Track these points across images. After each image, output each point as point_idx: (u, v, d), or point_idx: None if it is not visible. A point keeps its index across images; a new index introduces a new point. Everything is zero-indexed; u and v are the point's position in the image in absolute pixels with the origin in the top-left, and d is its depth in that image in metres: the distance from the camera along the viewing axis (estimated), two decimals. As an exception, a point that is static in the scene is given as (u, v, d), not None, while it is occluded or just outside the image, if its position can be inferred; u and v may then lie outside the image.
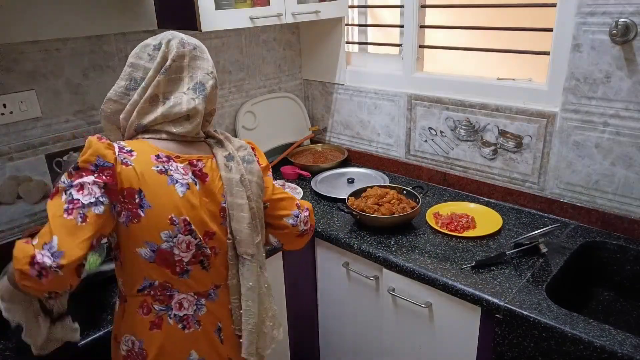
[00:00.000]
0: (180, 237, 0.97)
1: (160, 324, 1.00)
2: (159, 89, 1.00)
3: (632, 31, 1.35)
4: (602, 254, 1.51)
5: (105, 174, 0.90)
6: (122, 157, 0.93)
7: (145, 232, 0.95)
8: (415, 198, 1.69)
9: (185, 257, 0.99)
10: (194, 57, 1.02)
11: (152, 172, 0.95)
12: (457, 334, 1.39)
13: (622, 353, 1.05)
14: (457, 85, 1.83)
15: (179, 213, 0.96)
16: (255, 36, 2.07)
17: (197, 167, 1.01)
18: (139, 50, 1.03)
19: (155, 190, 0.95)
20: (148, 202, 0.94)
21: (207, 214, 1.01)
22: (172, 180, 0.97)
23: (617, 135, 1.47)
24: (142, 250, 0.96)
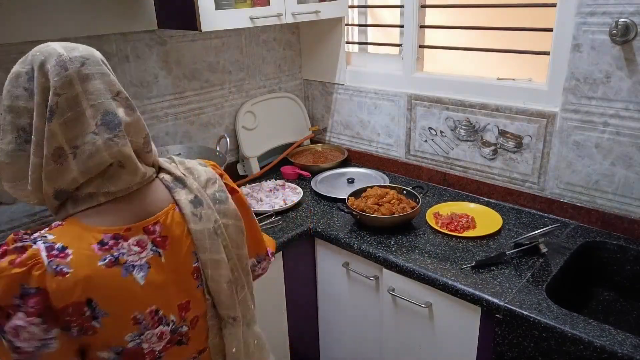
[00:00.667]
0: (149, 333, 0.79)
1: None
2: (57, 140, 0.73)
3: (632, 31, 1.35)
4: (602, 254, 1.51)
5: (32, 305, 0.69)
6: (53, 264, 0.70)
7: (105, 340, 0.76)
8: (415, 198, 1.69)
9: (158, 346, 0.81)
10: (86, 77, 0.75)
11: (100, 269, 0.73)
12: (457, 334, 1.39)
13: (622, 353, 1.05)
14: (457, 85, 1.83)
15: (143, 307, 0.78)
16: (255, 36, 2.08)
17: (155, 234, 0.80)
18: (11, 87, 0.75)
19: (109, 292, 0.74)
20: (103, 311, 0.73)
21: (182, 285, 0.83)
22: (126, 269, 0.76)
23: (617, 135, 1.47)
24: (105, 354, 0.77)
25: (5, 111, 0.76)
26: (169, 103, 1.84)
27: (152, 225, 0.80)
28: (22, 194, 0.80)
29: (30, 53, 0.77)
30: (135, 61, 1.71)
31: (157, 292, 0.79)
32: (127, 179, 0.79)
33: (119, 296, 0.75)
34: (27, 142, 0.76)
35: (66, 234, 0.74)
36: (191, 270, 0.85)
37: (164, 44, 1.78)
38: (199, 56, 1.90)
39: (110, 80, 0.79)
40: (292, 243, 1.64)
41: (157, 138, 1.83)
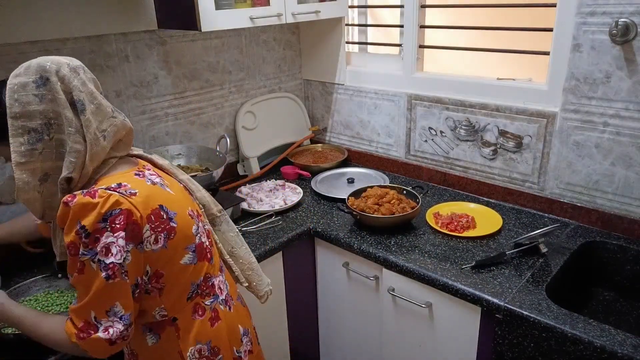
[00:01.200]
0: (200, 226, 1.03)
1: (217, 316, 1.04)
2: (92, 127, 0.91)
3: (632, 31, 1.35)
4: (602, 254, 1.51)
5: (117, 222, 0.85)
6: (122, 191, 0.88)
7: (183, 238, 0.96)
8: (415, 198, 1.69)
9: (207, 241, 1.05)
10: (89, 80, 0.95)
11: (150, 186, 0.95)
12: (457, 334, 1.39)
13: (622, 353, 1.05)
14: (457, 85, 1.83)
15: (185, 205, 1.01)
16: (255, 36, 2.08)
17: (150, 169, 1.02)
18: (19, 95, 0.87)
19: (167, 198, 0.96)
20: (172, 211, 0.95)
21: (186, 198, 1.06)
22: (161, 185, 0.98)
23: (617, 135, 1.47)
24: (185, 257, 0.97)
25: (13, 118, 0.87)
26: (169, 103, 1.84)
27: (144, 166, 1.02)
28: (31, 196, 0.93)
29: (34, 64, 0.89)
30: (135, 61, 1.71)
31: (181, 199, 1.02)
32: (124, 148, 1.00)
33: (171, 200, 0.96)
34: (38, 141, 0.89)
35: (109, 181, 0.91)
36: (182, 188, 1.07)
37: (164, 44, 1.78)
38: (199, 56, 1.90)
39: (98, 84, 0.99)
40: (292, 243, 1.64)
41: (157, 138, 1.83)
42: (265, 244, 1.56)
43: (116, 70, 1.66)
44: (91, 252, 0.85)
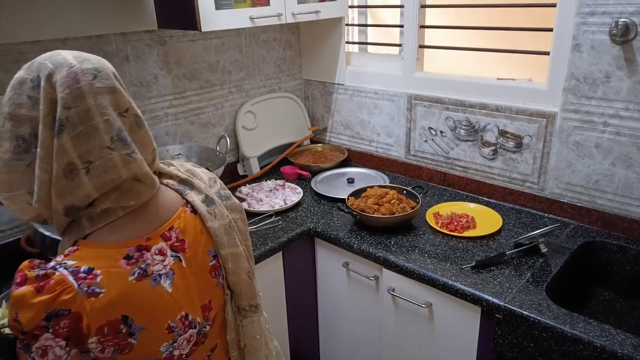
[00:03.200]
0: (181, 339, 0.80)
1: None
2: (68, 156, 0.69)
3: (632, 31, 1.35)
4: (602, 254, 1.51)
5: (61, 326, 0.67)
6: (84, 286, 0.68)
7: (140, 355, 0.76)
8: (415, 198, 1.69)
9: (186, 349, 0.83)
10: (97, 91, 0.72)
11: (131, 285, 0.73)
12: (457, 334, 1.39)
13: (622, 353, 1.05)
14: (457, 85, 1.83)
15: (174, 315, 0.79)
16: (255, 36, 2.08)
17: (172, 240, 0.80)
18: (13, 93, 0.72)
19: (143, 305, 0.74)
20: (139, 326, 0.74)
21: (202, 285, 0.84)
22: (154, 280, 0.76)
23: (617, 135, 1.47)
24: None
25: (5, 118, 0.72)
26: (169, 103, 1.84)
27: (167, 231, 0.80)
28: (17, 207, 0.76)
29: (38, 60, 0.73)
30: (135, 61, 1.71)
31: (184, 297, 0.80)
32: (146, 192, 0.77)
33: (153, 308, 0.75)
34: (26, 152, 0.72)
35: (86, 257, 0.71)
36: (209, 269, 0.85)
37: (164, 44, 1.78)
38: (199, 56, 1.90)
39: (122, 97, 0.76)
40: (292, 243, 1.64)
41: (157, 138, 1.83)
42: (265, 244, 1.56)
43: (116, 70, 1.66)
44: (27, 348, 0.67)
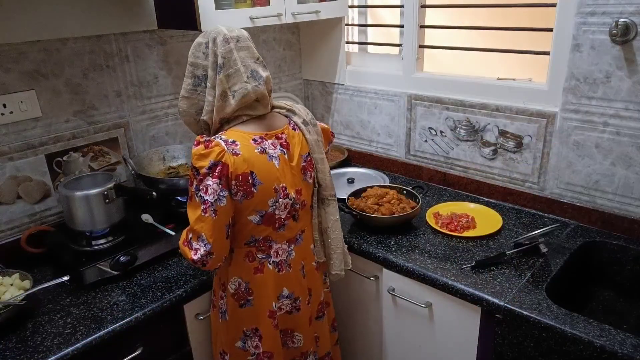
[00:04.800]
0: (280, 201, 1.20)
1: (262, 269, 1.24)
2: (223, 86, 1.15)
3: (632, 31, 1.35)
4: (602, 254, 1.51)
5: (217, 171, 1.10)
6: (230, 149, 1.11)
7: (257, 203, 1.17)
8: (415, 198, 1.69)
9: (283, 214, 1.22)
10: (240, 48, 1.16)
11: (256, 154, 1.15)
12: (457, 334, 1.39)
13: (622, 353, 1.05)
14: (457, 85, 1.83)
15: (279, 182, 1.19)
16: (255, 36, 2.07)
17: (282, 139, 1.22)
18: (195, 50, 1.18)
19: (262, 168, 1.15)
20: (259, 180, 1.15)
21: (296, 176, 1.24)
22: (269, 157, 1.17)
23: (617, 135, 1.47)
24: (252, 216, 1.18)
25: (190, 64, 1.19)
26: (169, 103, 1.84)
27: (280, 134, 1.23)
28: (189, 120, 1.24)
29: (207, 31, 1.18)
30: (135, 61, 1.71)
31: (285, 175, 1.21)
32: (261, 109, 1.21)
33: (267, 172, 1.16)
34: (198, 85, 1.19)
35: (232, 135, 1.16)
36: (301, 168, 1.26)
37: (164, 44, 1.78)
38: (199, 56, 1.89)
39: (254, 51, 1.19)
40: (292, 243, 1.64)
41: (157, 138, 1.83)
42: (265, 244, 1.56)
43: (116, 70, 1.66)
44: (197, 188, 1.11)
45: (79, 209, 1.41)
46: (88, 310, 1.27)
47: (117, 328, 1.22)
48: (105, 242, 1.45)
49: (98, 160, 1.68)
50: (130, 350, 1.27)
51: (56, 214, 1.60)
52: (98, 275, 1.36)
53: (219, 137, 1.13)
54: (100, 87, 1.64)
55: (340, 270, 1.42)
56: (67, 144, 1.59)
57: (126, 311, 1.26)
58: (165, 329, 1.36)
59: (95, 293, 1.35)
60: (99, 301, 1.31)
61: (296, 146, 1.25)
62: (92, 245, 1.44)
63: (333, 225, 1.37)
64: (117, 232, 1.49)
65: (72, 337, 1.18)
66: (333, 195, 1.36)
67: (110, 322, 1.23)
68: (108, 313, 1.26)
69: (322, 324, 1.43)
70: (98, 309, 1.28)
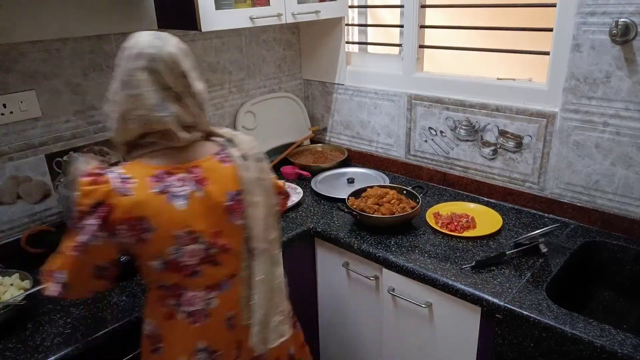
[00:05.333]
0: (185, 249, 1.03)
1: (172, 316, 1.08)
2: (126, 106, 0.98)
3: (632, 31, 1.35)
4: (602, 254, 1.51)
5: (99, 212, 0.96)
6: (121, 189, 0.97)
7: (153, 250, 1.01)
8: (415, 198, 1.69)
9: (193, 261, 1.05)
10: (152, 69, 0.97)
11: (152, 195, 0.99)
12: (457, 334, 1.39)
13: (622, 353, 1.05)
14: (457, 85, 1.83)
15: (181, 227, 1.01)
16: (255, 36, 2.08)
17: (195, 175, 1.04)
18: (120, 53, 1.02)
19: (157, 212, 0.99)
20: (151, 226, 0.99)
21: (215, 217, 1.06)
22: (170, 197, 1.00)
23: (617, 135, 1.47)
24: (153, 262, 1.03)
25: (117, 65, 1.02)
26: (169, 103, 1.84)
27: (193, 167, 1.04)
28: None
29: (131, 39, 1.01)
30: (135, 61, 1.71)
31: (193, 218, 1.02)
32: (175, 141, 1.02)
33: (164, 215, 0.99)
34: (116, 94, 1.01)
35: (131, 169, 1.01)
36: (223, 208, 1.06)
37: (164, 44, 1.78)
38: (199, 56, 1.90)
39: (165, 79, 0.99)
40: (292, 243, 1.64)
41: (157, 138, 1.83)
42: (265, 244, 1.56)
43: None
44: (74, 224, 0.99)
45: (79, 209, 1.41)
46: (88, 310, 1.28)
47: (117, 328, 1.22)
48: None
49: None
50: (130, 350, 1.27)
51: (56, 214, 1.60)
52: (98, 275, 1.36)
53: (114, 172, 0.99)
54: (100, 87, 1.64)
55: (254, 344, 1.12)
56: (67, 144, 1.59)
57: (126, 311, 1.26)
58: (165, 329, 1.35)
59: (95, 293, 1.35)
60: (99, 301, 1.31)
61: (219, 181, 1.06)
62: (92, 245, 1.44)
63: (256, 287, 1.11)
64: (117, 232, 1.48)
65: (72, 337, 1.18)
66: (264, 249, 1.11)
67: (110, 322, 1.23)
68: (108, 313, 1.26)
69: None
70: (98, 309, 1.28)
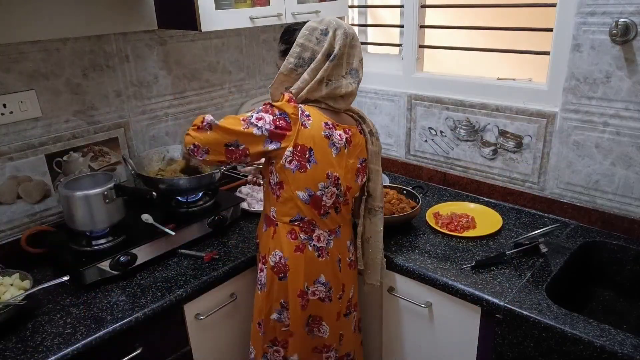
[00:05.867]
0: (330, 189, 1.25)
1: (302, 249, 1.29)
2: (326, 74, 1.20)
3: (632, 31, 1.35)
4: (602, 254, 1.51)
5: (280, 122, 1.19)
6: (303, 119, 1.20)
7: (308, 180, 1.22)
8: (415, 198, 1.69)
9: (329, 202, 1.27)
10: (352, 46, 1.23)
11: (321, 136, 1.21)
12: (457, 334, 1.39)
13: (622, 353, 1.05)
14: (457, 85, 1.83)
15: (333, 170, 1.24)
16: (255, 36, 2.07)
17: (348, 135, 1.27)
18: (308, 33, 1.21)
19: (321, 150, 1.21)
20: (315, 159, 1.21)
21: (349, 172, 1.29)
22: (331, 144, 1.23)
23: (617, 135, 1.47)
24: (301, 193, 1.24)
25: (298, 45, 1.22)
26: (169, 103, 1.84)
27: (348, 129, 1.28)
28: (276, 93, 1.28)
29: (326, 20, 1.23)
30: (135, 61, 1.71)
31: (340, 166, 1.26)
32: (342, 105, 1.27)
33: (325, 155, 1.23)
34: (300, 67, 1.23)
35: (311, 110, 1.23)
36: (355, 168, 1.31)
37: (164, 44, 1.78)
38: (199, 56, 1.90)
39: (360, 52, 1.26)
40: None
41: (157, 138, 1.83)
42: (265, 244, 1.56)
43: (116, 70, 1.66)
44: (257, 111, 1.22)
45: (79, 209, 1.41)
46: (88, 310, 1.27)
47: (117, 328, 1.21)
48: (105, 242, 1.45)
49: (98, 160, 1.68)
50: (130, 350, 1.27)
51: (56, 214, 1.60)
52: (98, 275, 1.36)
53: (300, 106, 1.21)
54: (100, 87, 1.63)
55: (376, 281, 1.43)
56: (67, 144, 1.59)
57: (126, 311, 1.26)
58: (165, 329, 1.35)
59: (95, 293, 1.35)
60: (99, 301, 1.31)
61: (357, 147, 1.30)
62: (92, 245, 1.44)
63: (375, 236, 1.40)
64: (117, 232, 1.49)
65: (72, 337, 1.18)
66: (381, 207, 1.39)
67: (110, 322, 1.23)
68: (108, 313, 1.26)
69: (348, 323, 1.43)
70: (98, 309, 1.28)
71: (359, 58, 1.26)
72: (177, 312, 1.37)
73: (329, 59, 1.20)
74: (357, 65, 1.26)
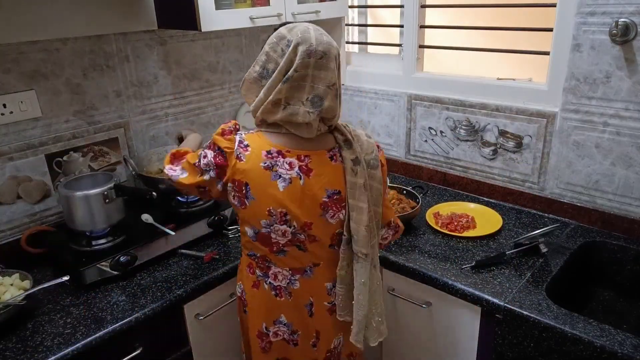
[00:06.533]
0: (276, 226, 1.10)
1: (258, 286, 1.20)
2: (281, 95, 1.04)
3: (632, 31, 1.35)
4: (602, 254, 1.51)
5: (218, 158, 1.09)
6: (238, 152, 1.08)
7: (249, 217, 1.11)
8: (415, 198, 1.69)
9: (281, 240, 1.12)
10: (320, 66, 1.02)
11: (259, 168, 1.07)
12: (457, 334, 1.39)
13: (622, 353, 1.05)
14: (457, 85, 1.83)
15: (277, 206, 1.08)
16: (255, 36, 2.07)
17: (303, 162, 1.08)
18: (275, 42, 1.06)
19: (259, 184, 1.07)
20: (252, 195, 1.08)
21: (309, 207, 1.09)
22: (275, 175, 1.07)
23: (617, 135, 1.47)
24: (248, 229, 1.14)
25: (264, 53, 1.07)
26: (169, 103, 1.84)
27: (304, 156, 1.09)
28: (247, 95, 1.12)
29: (296, 30, 1.04)
30: (135, 61, 1.71)
31: (290, 201, 1.08)
32: (304, 133, 1.07)
33: (265, 190, 1.07)
34: (264, 78, 1.06)
35: (252, 139, 1.10)
36: (319, 202, 1.10)
37: (164, 44, 1.78)
38: (199, 56, 1.90)
39: (332, 74, 1.05)
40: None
41: (157, 138, 1.83)
42: (265, 244, 1.56)
43: (116, 70, 1.66)
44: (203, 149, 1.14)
45: (79, 209, 1.41)
46: (88, 310, 1.28)
47: (117, 328, 1.22)
48: (105, 242, 1.45)
49: (98, 160, 1.68)
50: (130, 350, 1.27)
51: (56, 214, 1.60)
52: (98, 275, 1.36)
53: (241, 135, 1.11)
54: (100, 87, 1.64)
55: (356, 341, 1.18)
56: (67, 144, 1.59)
57: (126, 311, 1.26)
58: (165, 329, 1.35)
59: (95, 293, 1.35)
60: (99, 301, 1.31)
61: (322, 176, 1.09)
62: (92, 245, 1.44)
63: (358, 289, 1.15)
64: (117, 232, 1.49)
65: (72, 337, 1.18)
66: (365, 254, 1.13)
67: (110, 322, 1.23)
68: (108, 313, 1.26)
69: None
70: (98, 309, 1.28)
71: (328, 83, 1.04)
72: (177, 312, 1.37)
73: (283, 80, 1.02)
74: (323, 92, 1.03)
